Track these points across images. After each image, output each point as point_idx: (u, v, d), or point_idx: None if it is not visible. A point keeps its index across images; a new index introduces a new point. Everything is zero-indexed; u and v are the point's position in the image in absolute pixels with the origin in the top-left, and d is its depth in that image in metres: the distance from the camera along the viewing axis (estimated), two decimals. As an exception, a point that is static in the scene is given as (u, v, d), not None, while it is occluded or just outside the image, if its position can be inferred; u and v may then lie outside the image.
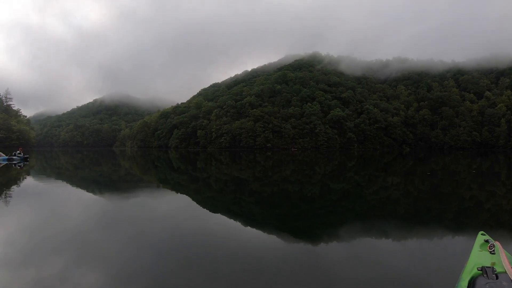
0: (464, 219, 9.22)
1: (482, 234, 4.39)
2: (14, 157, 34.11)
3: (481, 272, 3.36)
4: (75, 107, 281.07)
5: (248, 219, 9.34)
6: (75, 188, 15.80)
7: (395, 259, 5.96)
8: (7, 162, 32.65)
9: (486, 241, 4.13)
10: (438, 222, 8.61)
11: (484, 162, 36.92)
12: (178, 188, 16.38)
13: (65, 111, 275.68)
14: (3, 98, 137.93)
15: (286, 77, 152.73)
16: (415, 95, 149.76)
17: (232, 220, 9.01)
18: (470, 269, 3.53)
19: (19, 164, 29.87)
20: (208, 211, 10.39)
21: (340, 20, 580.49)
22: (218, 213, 10.17)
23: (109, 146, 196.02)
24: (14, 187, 15.21)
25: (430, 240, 7.10)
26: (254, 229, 8.15)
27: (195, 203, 11.83)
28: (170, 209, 10.58)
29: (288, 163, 35.54)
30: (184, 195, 13.89)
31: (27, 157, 35.43)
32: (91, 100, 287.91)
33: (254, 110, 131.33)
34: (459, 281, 3.47)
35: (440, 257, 5.98)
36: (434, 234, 7.55)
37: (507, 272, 3.28)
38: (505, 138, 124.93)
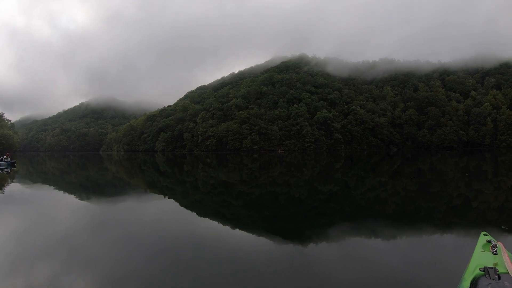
0: (465, 219, 9.10)
1: (484, 234, 4.30)
2: (1, 162, 33.50)
3: (483, 272, 3.26)
4: (61, 110, 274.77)
5: (237, 221, 9.20)
6: (63, 193, 15.50)
7: (396, 260, 5.82)
8: None
9: (489, 241, 4.05)
10: (438, 223, 8.50)
11: (471, 161, 37.26)
12: (165, 192, 16.20)
13: (51, 115, 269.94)
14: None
15: (272, 79, 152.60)
16: (402, 95, 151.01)
17: (221, 223, 8.82)
18: (472, 270, 3.44)
19: (6, 170, 29.30)
20: (196, 214, 10.22)
21: (328, 22, 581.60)
22: (206, 216, 9.96)
23: (95, 150, 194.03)
24: (1, 193, 14.90)
25: (432, 241, 6.99)
26: (243, 231, 8.00)
27: (183, 206, 11.69)
28: (158, 213, 10.38)
29: (276, 165, 35.51)
30: (172, 199, 13.71)
31: (14, 162, 34.92)
32: (77, 104, 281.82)
33: (241, 112, 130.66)
34: (461, 282, 3.39)
35: (442, 258, 5.86)
36: (436, 234, 7.45)
37: (510, 272, 3.19)
38: (491, 137, 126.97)
